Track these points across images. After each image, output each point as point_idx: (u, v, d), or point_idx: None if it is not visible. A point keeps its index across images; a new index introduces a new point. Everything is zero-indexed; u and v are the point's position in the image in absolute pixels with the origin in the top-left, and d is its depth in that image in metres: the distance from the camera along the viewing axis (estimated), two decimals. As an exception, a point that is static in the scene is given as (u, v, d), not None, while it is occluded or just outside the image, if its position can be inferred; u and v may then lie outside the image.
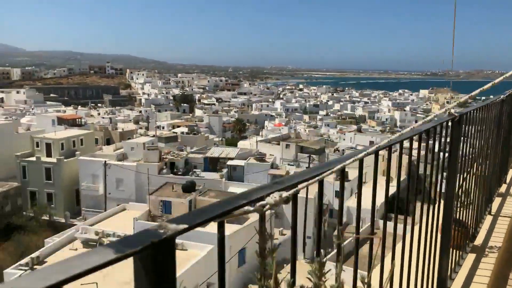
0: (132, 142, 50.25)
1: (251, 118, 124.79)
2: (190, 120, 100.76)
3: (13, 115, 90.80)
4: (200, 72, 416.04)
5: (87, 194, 44.96)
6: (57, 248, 25.80)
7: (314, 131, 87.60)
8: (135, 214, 31.73)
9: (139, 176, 42.64)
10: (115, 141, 62.95)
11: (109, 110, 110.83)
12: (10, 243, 36.02)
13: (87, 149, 51.30)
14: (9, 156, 48.22)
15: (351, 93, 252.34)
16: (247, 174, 41.48)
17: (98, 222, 31.75)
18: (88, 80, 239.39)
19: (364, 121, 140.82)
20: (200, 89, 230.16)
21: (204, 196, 31.67)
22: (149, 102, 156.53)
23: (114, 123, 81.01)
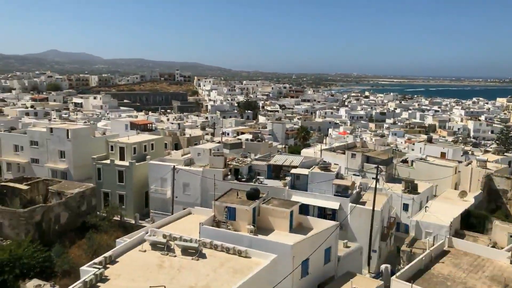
0: (198, 147, 51.55)
1: (314, 125, 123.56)
2: (253, 127, 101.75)
3: (90, 119, 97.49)
4: (264, 79, 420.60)
5: (155, 196, 46.73)
6: (128, 249, 26.85)
7: (380, 140, 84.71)
8: (200, 218, 32.28)
9: (205, 181, 43.58)
10: (183, 146, 65.15)
11: (178, 116, 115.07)
12: (84, 241, 38.26)
13: (157, 154, 53.46)
14: (86, 158, 51.60)
15: (420, 101, 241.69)
16: (310, 183, 40.80)
17: (166, 224, 32.70)
18: (158, 86, 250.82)
19: (434, 131, 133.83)
20: (264, 96, 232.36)
21: (267, 204, 31.49)
22: (215, 108, 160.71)
23: (182, 128, 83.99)
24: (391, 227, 40.92)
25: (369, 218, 36.36)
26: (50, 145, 54.38)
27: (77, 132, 54.42)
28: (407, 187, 44.31)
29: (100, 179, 49.80)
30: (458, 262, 26.32)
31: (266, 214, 30.80)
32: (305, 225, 31.46)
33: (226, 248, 26.02)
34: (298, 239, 27.62)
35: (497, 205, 47.08)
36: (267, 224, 30.62)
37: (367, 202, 38.47)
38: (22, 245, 33.23)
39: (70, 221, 41.68)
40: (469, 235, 37.58)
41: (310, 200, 38.80)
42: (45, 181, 46.86)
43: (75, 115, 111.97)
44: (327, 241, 29.42)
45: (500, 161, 56.47)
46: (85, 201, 43.77)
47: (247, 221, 29.82)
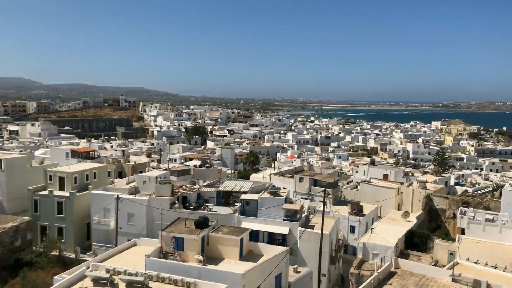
0: (144, 175, 49.97)
1: (263, 150, 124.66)
2: (202, 152, 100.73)
3: (27, 147, 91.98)
4: (212, 104, 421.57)
5: (98, 228, 44.38)
6: (67, 286, 25.03)
7: (326, 163, 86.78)
8: (146, 250, 30.93)
9: (151, 210, 42.07)
10: (128, 174, 62.86)
11: (122, 142, 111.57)
12: (18, 280, 35.31)
13: (99, 183, 51.14)
14: (21, 190, 48.22)
15: (362, 125, 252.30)
16: (260, 208, 40.61)
17: (109, 258, 30.98)
18: (102, 112, 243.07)
19: (376, 153, 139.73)
20: (212, 121, 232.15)
21: (217, 232, 30.83)
22: (161, 134, 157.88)
23: (127, 156, 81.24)
24: (339, 250, 41.41)
25: (318, 242, 36.56)
26: (-20, 176, 50.40)
27: (11, 162, 51.00)
28: (353, 209, 45.33)
29: (37, 211, 46.61)
30: (404, 283, 26.97)
31: (216, 243, 30.11)
32: (255, 252, 31.05)
33: (174, 281, 25.00)
34: (249, 267, 27.11)
35: (437, 224, 49.32)
36: (216, 253, 29.89)
37: (315, 226, 38.79)
38: None
39: (2, 258, 38.46)
40: (413, 255, 38.84)
41: (260, 226, 38.52)
42: (-26, 215, 43.19)
43: (10, 143, 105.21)
44: (278, 267, 29.17)
45: (437, 182, 59.55)
46: (19, 236, 40.71)
47: (196, 251, 28.96)
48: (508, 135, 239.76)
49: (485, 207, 46.13)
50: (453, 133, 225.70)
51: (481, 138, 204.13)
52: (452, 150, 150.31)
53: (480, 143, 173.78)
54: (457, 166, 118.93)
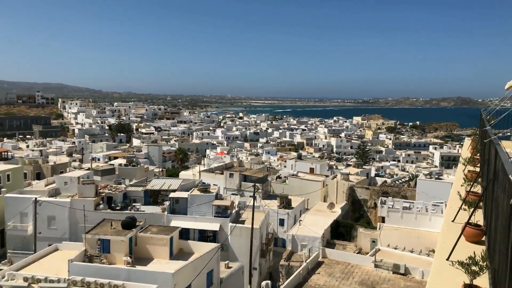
0: (65, 176, 47.15)
1: (192, 147, 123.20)
2: (127, 151, 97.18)
3: None
4: (137, 101, 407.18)
5: (14, 234, 41.05)
6: (-23, 300, 22.98)
7: (256, 159, 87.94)
8: (69, 254, 29.29)
9: (74, 212, 39.81)
10: (47, 176, 58.91)
11: (40, 142, 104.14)
12: None
13: (14, 185, 47.39)
14: None
15: (289, 121, 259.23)
16: (190, 206, 40.15)
17: (27, 265, 28.90)
18: (16, 110, 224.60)
19: (303, 148, 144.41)
20: (138, 118, 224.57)
21: (145, 232, 29.99)
22: (83, 132, 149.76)
23: (45, 156, 76.08)
24: (269, 243, 42.28)
25: (248, 237, 37.01)
26: None
27: None
28: (282, 202, 46.50)
29: None
30: (331, 271, 28.24)
31: (144, 243, 29.32)
32: (186, 250, 30.70)
33: (101, 284, 24.01)
34: (179, 266, 26.76)
35: (360, 213, 52.23)
36: (146, 254, 29.11)
37: (246, 221, 39.22)
38: None
39: None
40: (339, 244, 40.80)
41: (191, 224, 38.13)
42: None
43: None
44: (209, 264, 29.11)
45: (359, 174, 63.03)
46: None
47: (124, 253, 27.97)
48: (421, 129, 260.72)
49: (402, 196, 49.73)
50: (373, 128, 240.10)
51: (398, 132, 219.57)
52: (372, 143, 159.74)
53: (397, 136, 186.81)
54: (377, 158, 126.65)
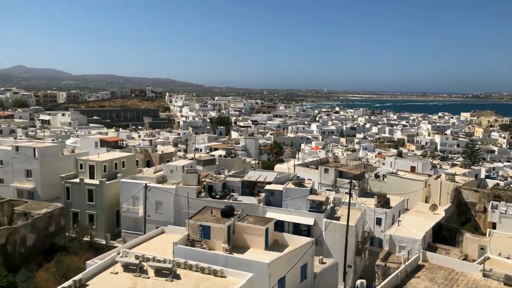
0: (171, 165, 50.79)
1: (287, 140, 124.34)
2: (226, 143, 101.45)
3: (59, 137, 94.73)
4: (236, 95, 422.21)
5: (127, 216, 45.55)
6: (99, 271, 25.88)
7: (352, 155, 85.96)
8: (173, 237, 31.62)
9: (178, 199, 42.87)
10: (155, 164, 64.06)
11: (149, 132, 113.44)
12: (53, 264, 36.69)
13: (128, 171, 52.30)
14: (54, 177, 49.92)
15: (389, 116, 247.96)
16: (285, 199, 40.80)
17: (138, 245, 31.83)
18: (129, 103, 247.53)
19: (403, 145, 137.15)
20: (236, 111, 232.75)
21: (242, 222, 31.19)
22: (187, 124, 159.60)
23: (154, 145, 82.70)
24: (365, 241, 41.22)
25: (343, 233, 36.52)
26: (15, 164, 52.41)
27: (44, 150, 52.74)
28: (379, 201, 44.91)
29: (69, 198, 48.19)
30: (433, 276, 26.68)
31: (241, 232, 30.49)
32: (281, 242, 31.29)
33: (201, 268, 25.51)
34: (274, 257, 27.39)
35: (466, 217, 48.31)
36: (242, 242, 30.28)
37: (341, 217, 38.70)
38: (-16, 270, 31.56)
39: (37, 243, 39.95)
40: (441, 248, 38.26)
41: (285, 217, 38.70)
42: (11, 201, 44.92)
43: (42, 132, 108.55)
44: (303, 257, 29.32)
45: (467, 174, 58.18)
46: (53, 221, 42.15)
47: (222, 240, 29.41)
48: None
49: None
50: (484, 125, 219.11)
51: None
52: (483, 142, 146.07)
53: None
54: (487, 158, 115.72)
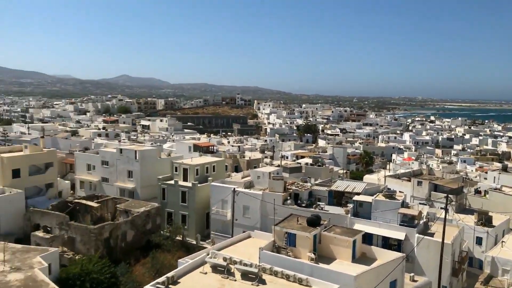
0: (258, 170, 51.76)
1: (377, 150, 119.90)
2: (313, 151, 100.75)
3: (157, 141, 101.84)
4: (324, 103, 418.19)
5: (216, 218, 47.34)
6: (189, 270, 27.24)
7: (449, 168, 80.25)
8: (259, 242, 32.15)
9: (265, 204, 43.52)
10: (243, 169, 65.87)
11: (238, 138, 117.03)
12: (148, 259, 39.42)
13: (218, 175, 54.42)
14: (152, 178, 53.70)
15: (492, 127, 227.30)
16: (374, 211, 39.33)
17: (226, 247, 32.91)
18: (220, 110, 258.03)
19: (509, 158, 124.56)
20: (324, 119, 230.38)
21: (329, 232, 30.72)
22: (274, 131, 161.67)
23: (242, 151, 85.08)
24: (463, 262, 38.14)
25: (438, 251, 34.16)
26: (119, 165, 57.37)
27: (144, 153, 56.97)
28: (480, 219, 41.31)
29: (165, 198, 51.45)
30: (542, 306, 23.86)
31: (328, 242, 30.03)
32: (368, 256, 30.24)
33: (286, 275, 25.58)
34: (362, 270, 26.56)
35: None
36: (328, 253, 29.81)
37: (435, 234, 36.26)
38: (92, 260, 34.86)
39: (136, 239, 43.28)
40: (554, 275, 34.10)
41: (374, 229, 37.29)
42: (114, 199, 49.27)
43: (143, 136, 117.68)
44: (393, 273, 28.00)
45: None
46: (150, 220, 45.36)
47: (308, 248, 29.23)
48: None
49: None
50: None
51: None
52: None
53: None
54: None
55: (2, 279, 29.54)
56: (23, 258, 33.58)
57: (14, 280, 29.25)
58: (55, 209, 44.50)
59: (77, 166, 62.60)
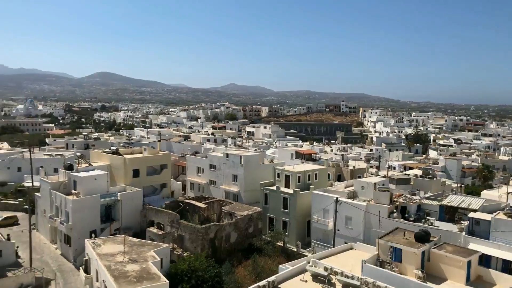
0: (362, 181, 50.10)
1: (498, 164, 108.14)
2: (423, 162, 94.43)
3: (260, 147, 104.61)
4: (435, 111, 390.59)
5: (317, 227, 46.90)
6: (290, 276, 27.42)
7: None
8: (362, 255, 31.10)
9: (369, 216, 41.95)
10: (346, 178, 64.35)
11: (341, 147, 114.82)
12: (249, 262, 40.48)
13: (320, 184, 53.95)
14: (255, 183, 55.26)
15: None
16: (493, 231, 35.47)
17: (326, 257, 32.45)
18: (323, 117, 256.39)
19: None
20: (436, 128, 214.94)
21: (439, 250, 28.48)
22: (380, 140, 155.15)
23: (346, 160, 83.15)
24: None
25: None
26: (225, 169, 60.12)
27: (248, 159, 58.90)
28: None
29: (267, 204, 52.53)
30: None
31: (438, 261, 27.90)
32: (486, 279, 27.40)
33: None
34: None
35: None
36: (438, 272, 27.67)
37: None
38: (198, 258, 36.93)
39: (238, 241, 44.81)
40: None
41: (493, 251, 33.59)
42: (220, 201, 51.74)
43: (247, 142, 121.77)
44: (516, 302, 24.96)
45: None
46: (252, 223, 46.64)
47: (415, 265, 27.48)
48: None
49: None
50: None
51: None
52: None
53: None
54: None
55: (121, 268, 32.81)
56: (139, 251, 36.93)
57: (131, 271, 32.28)
58: (168, 208, 48.17)
59: (188, 168, 67.16)
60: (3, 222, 56.32)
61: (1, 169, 73.59)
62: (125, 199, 49.48)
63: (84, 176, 49.42)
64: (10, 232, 50.50)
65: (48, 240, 51.87)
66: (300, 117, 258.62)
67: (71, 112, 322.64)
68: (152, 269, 32.65)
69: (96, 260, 35.05)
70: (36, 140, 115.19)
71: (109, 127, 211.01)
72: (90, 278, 37.35)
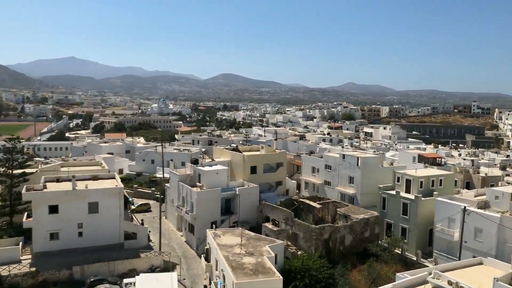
0: (496, 189, 44.92)
1: None
2: None
3: (379, 149, 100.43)
4: None
5: (440, 237, 43.36)
6: (408, 286, 25.86)
7: None
8: (494, 272, 27.95)
9: (503, 229, 37.44)
10: (476, 186, 58.44)
11: (472, 151, 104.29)
12: (365, 267, 39.16)
13: (445, 190, 49.80)
14: (373, 186, 53.17)
15: None
16: None
17: (451, 270, 29.85)
18: (451, 119, 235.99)
19: None
20: None
21: None
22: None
23: (476, 166, 75.43)
24: None
25: None
26: (341, 170, 59.04)
27: (366, 160, 56.97)
28: None
29: (384, 208, 50.23)
30: None
31: None
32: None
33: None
34: None
35: None
36: None
37: None
38: (312, 258, 36.97)
39: (353, 245, 43.71)
40: None
41: None
42: (335, 202, 51.04)
43: (365, 143, 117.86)
44: None
45: None
46: (368, 228, 45.09)
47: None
48: None
49: None
50: None
51: None
52: None
53: None
54: None
55: (239, 260, 34.44)
56: (255, 245, 38.35)
57: (247, 263, 33.69)
58: (283, 205, 49.12)
59: (303, 167, 67.59)
60: (138, 208, 63.34)
61: (138, 161, 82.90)
62: (243, 194, 51.81)
63: (208, 170, 53.02)
64: (143, 218, 56.74)
65: (174, 227, 56.87)
66: (424, 118, 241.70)
67: (197, 111, 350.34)
68: (267, 263, 33.64)
69: (216, 250, 37.37)
70: (167, 136, 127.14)
71: (229, 125, 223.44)
72: (210, 266, 39.95)
